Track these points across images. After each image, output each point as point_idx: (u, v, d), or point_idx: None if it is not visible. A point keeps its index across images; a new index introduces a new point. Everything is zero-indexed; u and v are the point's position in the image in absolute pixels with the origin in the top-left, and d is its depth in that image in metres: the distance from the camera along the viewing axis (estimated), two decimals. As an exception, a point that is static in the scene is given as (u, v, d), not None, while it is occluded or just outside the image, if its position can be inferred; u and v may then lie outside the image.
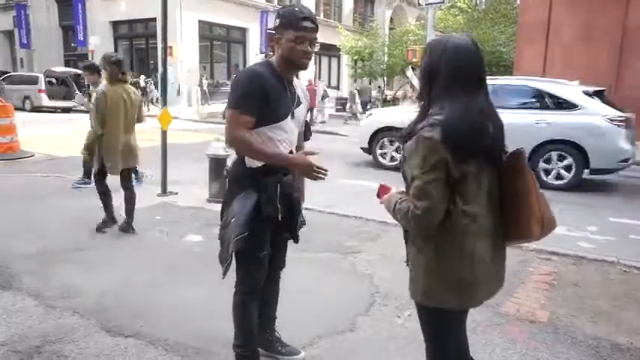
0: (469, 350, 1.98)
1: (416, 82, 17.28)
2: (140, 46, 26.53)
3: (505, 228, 1.73)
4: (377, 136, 9.47)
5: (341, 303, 3.44)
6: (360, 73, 29.00)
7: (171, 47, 19.60)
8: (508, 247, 1.84)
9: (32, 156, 9.18)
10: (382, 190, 1.88)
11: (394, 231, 4.99)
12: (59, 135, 12.28)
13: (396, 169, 9.32)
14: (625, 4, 15.34)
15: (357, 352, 2.84)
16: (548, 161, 7.89)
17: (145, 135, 4.55)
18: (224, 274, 2.34)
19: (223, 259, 2.35)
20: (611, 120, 7.50)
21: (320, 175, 2.21)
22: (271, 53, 2.37)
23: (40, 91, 19.63)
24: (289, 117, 2.30)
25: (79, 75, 22.02)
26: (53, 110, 19.96)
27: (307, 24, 2.17)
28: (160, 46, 7.62)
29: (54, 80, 20.87)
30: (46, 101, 19.70)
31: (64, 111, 20.00)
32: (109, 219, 4.88)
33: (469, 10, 25.73)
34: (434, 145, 1.57)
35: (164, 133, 6.41)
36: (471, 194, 1.64)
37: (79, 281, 3.64)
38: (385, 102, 23.64)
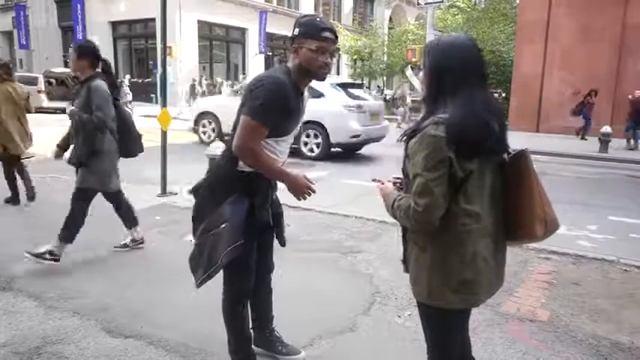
0: (471, 350, 1.98)
1: (415, 81, 17.28)
2: (139, 46, 26.53)
3: (508, 228, 1.73)
4: (200, 118, 11.84)
5: (341, 303, 3.44)
6: (359, 72, 29.00)
7: (170, 47, 19.58)
8: (510, 247, 1.84)
9: (32, 157, 9.16)
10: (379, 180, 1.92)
11: (394, 231, 4.99)
12: (59, 135, 12.25)
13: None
14: (624, 4, 15.35)
15: (357, 352, 2.84)
16: (308, 136, 10.14)
17: (145, 135, 4.54)
18: (200, 283, 2.23)
19: (201, 265, 2.23)
20: (345, 106, 9.93)
21: (306, 196, 2.21)
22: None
23: (39, 91, 19.58)
24: (295, 130, 2.30)
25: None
26: (53, 111, 19.93)
27: (328, 35, 2.13)
28: (159, 46, 7.62)
29: (53, 81, 20.83)
30: (45, 102, 19.65)
31: (64, 112, 19.95)
32: (14, 196, 5.89)
33: (468, 10, 25.75)
34: (438, 143, 1.57)
35: (164, 134, 6.41)
36: (474, 194, 1.64)
37: (79, 282, 3.64)
38: (385, 102, 23.61)
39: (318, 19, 2.17)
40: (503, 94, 19.38)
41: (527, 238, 1.74)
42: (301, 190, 2.18)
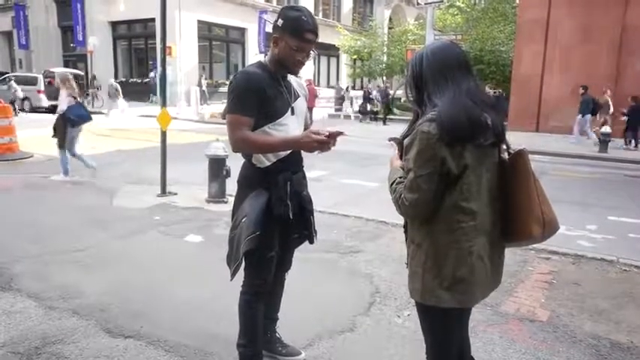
0: (470, 350, 1.98)
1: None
2: (139, 46, 26.51)
3: (506, 228, 1.73)
4: None
5: (341, 303, 3.44)
6: (358, 72, 28.99)
7: (170, 47, 19.57)
8: (508, 248, 1.83)
9: (31, 156, 9.18)
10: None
11: (394, 231, 5.00)
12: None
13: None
14: (624, 4, 15.36)
15: (356, 352, 2.84)
16: None
17: (144, 135, 4.55)
18: (232, 275, 2.32)
19: (232, 261, 2.33)
20: None
21: (325, 147, 2.12)
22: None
23: (39, 91, 19.60)
24: (289, 112, 2.30)
25: (78, 76, 21.99)
26: (52, 111, 19.93)
27: (310, 36, 2.18)
28: (158, 46, 7.63)
29: (53, 81, 20.83)
30: (45, 102, 19.65)
31: (64, 111, 19.95)
32: None
33: (468, 10, 25.72)
34: (430, 139, 1.59)
35: (163, 134, 6.41)
36: (470, 191, 1.64)
37: (79, 282, 3.64)
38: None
39: (303, 17, 2.17)
40: (504, 94, 19.38)
41: (525, 238, 1.74)
42: (311, 145, 2.12)
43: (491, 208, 1.70)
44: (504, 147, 1.76)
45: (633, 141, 13.56)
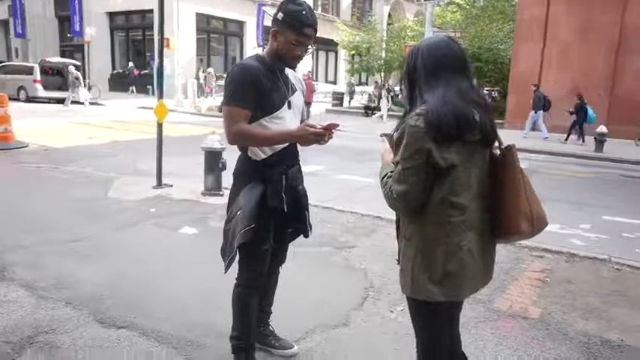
0: (461, 345, 1.99)
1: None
2: (137, 37, 26.40)
3: (495, 224, 1.74)
4: None
5: (334, 297, 3.45)
6: (357, 68, 28.95)
7: (167, 39, 19.47)
8: (499, 244, 1.84)
9: (27, 146, 9.13)
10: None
11: (389, 226, 5.01)
12: (54, 125, 12.23)
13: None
14: (623, 3, 15.36)
15: (350, 346, 2.85)
16: None
17: (141, 127, 4.53)
18: (227, 268, 2.33)
19: (226, 253, 2.33)
20: None
21: (321, 139, 2.14)
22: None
23: (35, 81, 19.46)
24: (285, 106, 2.30)
25: (76, 66, 21.86)
26: (48, 101, 19.83)
27: (309, 31, 2.19)
28: (156, 37, 7.57)
29: (49, 71, 20.70)
30: (41, 92, 19.52)
31: (59, 102, 19.86)
32: None
33: (467, 7, 25.69)
34: (417, 132, 1.60)
35: (160, 126, 6.39)
36: (460, 186, 1.65)
37: (73, 272, 3.63)
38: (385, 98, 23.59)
39: (304, 12, 2.17)
40: (502, 92, 19.39)
41: (514, 234, 1.74)
42: (307, 138, 2.14)
43: (480, 204, 1.71)
44: (496, 144, 1.77)
45: (581, 137, 14.31)
